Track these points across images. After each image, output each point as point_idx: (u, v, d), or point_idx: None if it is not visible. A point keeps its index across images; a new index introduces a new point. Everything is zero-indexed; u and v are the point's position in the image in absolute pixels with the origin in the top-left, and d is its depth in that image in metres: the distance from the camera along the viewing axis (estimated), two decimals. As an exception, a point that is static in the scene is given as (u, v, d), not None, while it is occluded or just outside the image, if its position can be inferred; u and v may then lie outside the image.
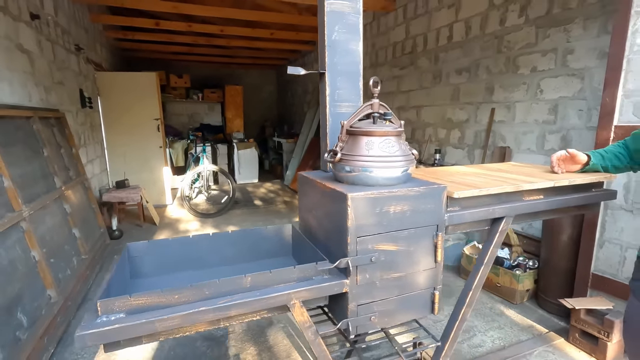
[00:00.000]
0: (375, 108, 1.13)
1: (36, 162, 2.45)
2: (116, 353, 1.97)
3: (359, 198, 0.97)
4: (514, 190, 1.21)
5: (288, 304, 0.95)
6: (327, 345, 1.06)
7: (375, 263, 1.02)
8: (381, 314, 1.07)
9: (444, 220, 1.10)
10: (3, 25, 2.32)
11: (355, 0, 1.29)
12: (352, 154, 1.07)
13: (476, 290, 1.24)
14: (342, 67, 1.30)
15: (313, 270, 1.00)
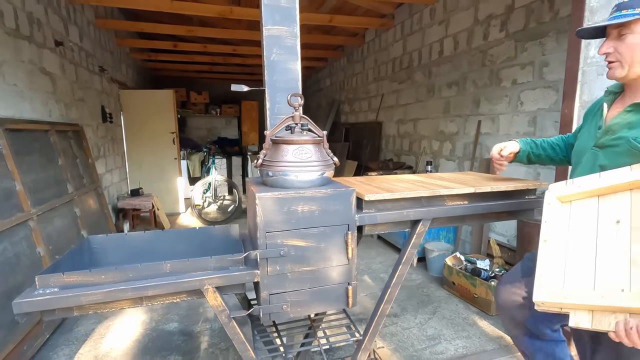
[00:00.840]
0: (296, 120, 1.27)
1: (50, 170, 2.77)
2: (101, 341, 2.18)
3: (266, 198, 1.11)
4: (430, 195, 1.30)
5: (202, 288, 1.09)
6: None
7: (285, 256, 1.15)
8: (294, 304, 1.19)
9: (355, 221, 1.21)
10: (28, 52, 2.70)
11: (292, 26, 1.45)
12: (272, 160, 1.21)
13: (395, 287, 1.32)
14: (281, 84, 1.47)
15: (229, 261, 1.14)
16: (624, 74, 1.01)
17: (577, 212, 1.00)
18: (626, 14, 0.96)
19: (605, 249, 0.91)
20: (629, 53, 0.98)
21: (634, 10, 0.95)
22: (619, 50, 1.00)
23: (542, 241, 1.02)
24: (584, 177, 1.00)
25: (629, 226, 0.88)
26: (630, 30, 0.97)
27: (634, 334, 0.78)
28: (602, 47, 1.04)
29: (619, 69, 1.01)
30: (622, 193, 0.93)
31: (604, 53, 1.04)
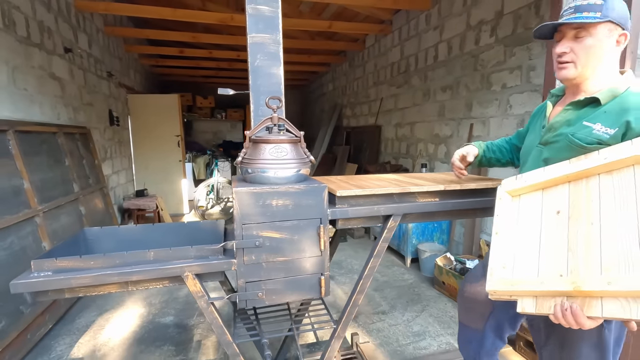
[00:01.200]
0: (274, 121, 1.36)
1: (57, 170, 2.92)
2: (101, 332, 2.29)
3: (242, 192, 1.20)
4: (400, 192, 1.38)
5: (182, 275, 1.18)
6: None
7: (260, 247, 1.24)
8: (269, 291, 1.27)
9: (327, 215, 1.29)
10: (38, 58, 2.86)
11: (275, 33, 1.55)
12: (252, 158, 1.31)
13: (366, 279, 1.40)
14: (265, 88, 1.56)
15: (209, 251, 1.23)
16: (576, 74, 1.05)
17: (525, 205, 1.07)
18: (587, 17, 0.98)
19: (547, 239, 0.97)
20: (585, 55, 1.02)
21: (595, 14, 0.98)
22: (575, 51, 1.02)
23: (494, 234, 1.07)
24: (530, 172, 1.06)
25: (567, 216, 0.95)
26: (589, 33, 1.00)
27: (569, 315, 0.83)
28: (559, 46, 1.05)
29: (573, 69, 1.04)
30: (562, 185, 1.00)
31: (562, 52, 1.05)
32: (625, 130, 0.95)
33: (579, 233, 0.90)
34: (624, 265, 0.78)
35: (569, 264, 0.88)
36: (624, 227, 0.82)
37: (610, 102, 1.01)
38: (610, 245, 0.82)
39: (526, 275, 0.96)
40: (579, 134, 1.02)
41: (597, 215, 0.88)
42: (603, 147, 0.96)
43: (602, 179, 0.92)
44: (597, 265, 0.83)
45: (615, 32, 1.01)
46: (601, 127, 1.00)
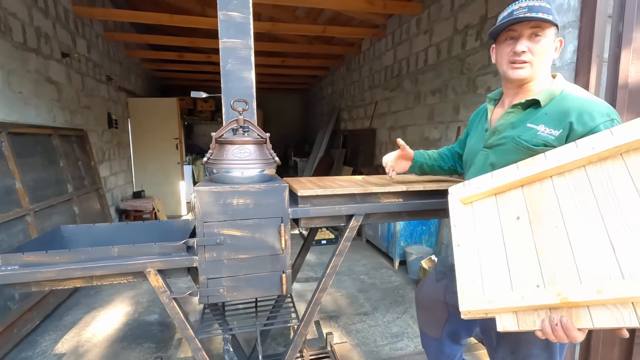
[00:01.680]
0: (240, 123, 1.41)
1: (51, 171, 3.00)
2: (86, 329, 2.35)
3: (203, 191, 1.25)
4: (362, 192, 1.41)
5: (144, 271, 1.23)
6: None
7: (222, 245, 1.28)
8: (230, 288, 1.31)
9: (288, 214, 1.33)
10: (34, 63, 2.96)
11: (246, 39, 1.60)
12: (217, 159, 1.35)
13: (329, 277, 1.43)
14: (236, 91, 1.61)
15: (172, 247, 1.28)
16: (530, 75, 1.04)
17: (479, 212, 1.03)
18: (546, 17, 0.98)
19: (512, 247, 0.92)
20: (540, 56, 1.02)
21: (549, 16, 0.98)
22: (532, 51, 1.01)
23: (456, 246, 1.02)
24: (478, 178, 1.05)
25: (528, 221, 0.92)
26: (544, 33, 1.01)
27: (559, 330, 0.77)
28: (519, 44, 1.01)
29: (529, 69, 1.03)
30: (515, 190, 0.98)
31: (522, 51, 1.01)
32: (568, 132, 0.97)
33: (546, 237, 0.87)
34: (606, 271, 0.75)
35: (543, 273, 0.84)
36: (592, 232, 0.80)
37: (549, 104, 1.03)
38: (583, 251, 0.79)
39: (500, 290, 0.89)
40: (525, 136, 1.03)
41: (559, 218, 0.86)
42: (549, 148, 0.96)
43: (555, 181, 0.91)
44: (573, 272, 0.79)
45: (556, 37, 1.05)
46: (545, 128, 1.01)
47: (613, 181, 0.81)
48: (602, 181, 0.83)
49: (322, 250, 4.05)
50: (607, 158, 0.84)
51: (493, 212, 1.00)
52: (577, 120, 0.96)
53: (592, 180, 0.84)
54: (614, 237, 0.77)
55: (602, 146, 0.83)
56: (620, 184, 0.80)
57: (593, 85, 1.60)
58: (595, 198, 0.82)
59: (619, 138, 0.80)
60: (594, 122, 0.94)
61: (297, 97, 10.08)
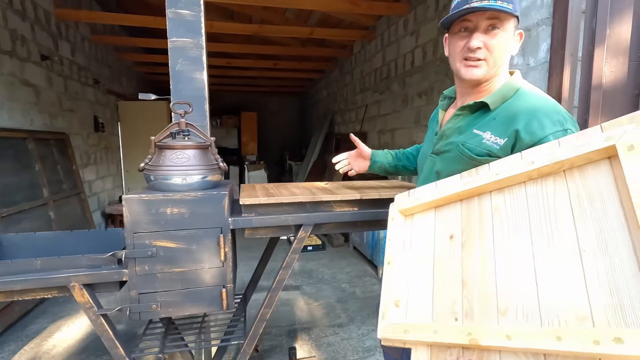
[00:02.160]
0: (182, 126, 1.32)
1: (25, 175, 2.94)
2: (48, 339, 2.27)
3: (133, 200, 1.16)
4: (312, 200, 1.31)
5: (68, 285, 1.14)
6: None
7: (154, 257, 1.19)
8: (165, 304, 1.22)
9: (228, 224, 1.24)
10: (8, 66, 2.91)
11: (197, 38, 1.52)
12: (154, 165, 1.27)
13: (275, 292, 1.33)
14: (187, 92, 1.52)
15: (101, 260, 1.19)
16: (482, 73, 0.91)
17: (418, 227, 0.92)
18: (506, 7, 0.83)
19: (440, 270, 0.83)
20: (498, 52, 0.88)
21: (508, 5, 0.84)
22: (489, 46, 0.88)
23: (386, 264, 0.93)
24: (423, 187, 0.93)
25: (460, 242, 0.81)
26: (503, 26, 0.87)
27: None
28: (474, 39, 0.87)
29: (484, 68, 0.90)
30: (454, 204, 0.86)
31: (477, 47, 0.88)
32: (514, 141, 0.84)
33: (474, 264, 0.76)
34: (522, 312, 0.65)
35: (463, 305, 0.75)
36: (518, 260, 0.69)
37: (500, 107, 0.90)
38: (505, 283, 0.70)
39: (420, 318, 0.81)
40: (469, 144, 0.91)
41: (490, 243, 0.75)
42: (494, 159, 0.84)
43: (493, 198, 0.79)
44: (493, 308, 0.70)
45: (516, 30, 0.91)
46: (491, 136, 0.88)
47: (550, 203, 0.69)
48: (539, 202, 0.70)
49: (308, 256, 3.95)
50: (548, 175, 0.71)
51: (430, 228, 0.89)
52: (525, 128, 0.83)
53: (530, 200, 0.72)
54: (540, 273, 0.65)
55: (542, 160, 0.70)
56: (558, 207, 0.67)
57: (567, 86, 1.49)
58: (530, 222, 0.70)
59: (563, 152, 0.68)
60: (543, 132, 0.81)
61: (295, 100, 10.01)
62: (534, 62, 1.65)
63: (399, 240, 0.94)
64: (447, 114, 1.07)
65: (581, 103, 1.46)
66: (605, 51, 1.38)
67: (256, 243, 3.77)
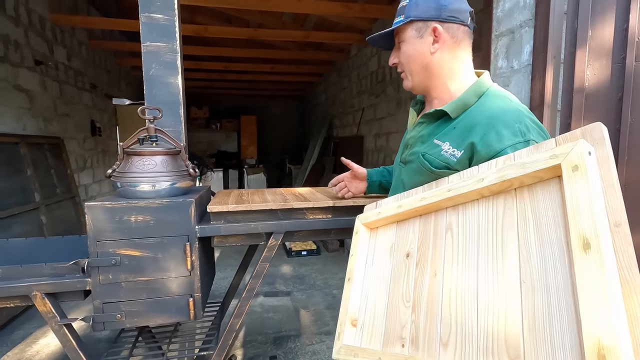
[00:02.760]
0: (150, 132, 1.30)
1: (16, 180, 2.95)
2: (32, 345, 2.26)
3: (96, 207, 1.13)
4: (283, 208, 1.28)
5: (29, 294, 1.12)
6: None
7: (118, 266, 1.16)
8: (130, 313, 1.19)
9: (195, 232, 1.21)
10: (1, 71, 2.93)
11: (171, 42, 1.50)
12: (121, 171, 1.24)
13: (245, 301, 1.30)
14: (161, 97, 1.51)
15: (65, 268, 1.17)
16: (410, 84, 0.93)
17: (380, 242, 0.88)
18: (397, 21, 0.89)
19: (394, 291, 0.79)
20: (406, 63, 0.91)
21: (400, 17, 0.88)
22: (400, 59, 0.92)
23: (347, 280, 0.90)
24: (387, 199, 0.91)
25: (415, 262, 0.77)
26: (402, 38, 0.90)
27: None
28: (390, 58, 0.96)
29: (407, 79, 0.94)
30: (413, 220, 0.82)
31: (393, 64, 0.95)
32: (471, 154, 0.79)
33: (424, 286, 0.73)
34: (461, 345, 0.62)
35: (411, 331, 0.72)
36: (462, 286, 0.65)
37: (461, 115, 0.85)
38: (449, 311, 0.66)
39: (372, 342, 0.78)
40: (429, 155, 0.87)
41: (440, 265, 0.72)
42: (452, 172, 0.80)
43: (448, 215, 0.74)
44: (436, 337, 0.66)
45: (426, 29, 0.86)
46: (449, 147, 0.83)
47: (499, 225, 0.64)
48: (489, 223, 0.65)
49: (302, 261, 3.91)
50: (499, 193, 0.65)
51: (390, 245, 0.85)
52: (482, 140, 0.77)
53: (481, 221, 0.67)
54: (482, 305, 0.61)
55: (491, 178, 0.65)
56: (506, 230, 0.62)
57: (549, 90, 1.45)
58: (478, 245, 0.66)
59: (511, 169, 0.62)
60: (500, 144, 0.75)
61: (294, 103, 10.01)
62: (518, 65, 1.61)
63: (362, 255, 0.90)
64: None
65: (564, 107, 1.42)
66: (587, 53, 1.33)
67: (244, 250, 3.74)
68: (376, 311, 0.80)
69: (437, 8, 0.84)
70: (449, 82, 0.89)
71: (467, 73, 0.91)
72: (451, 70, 0.89)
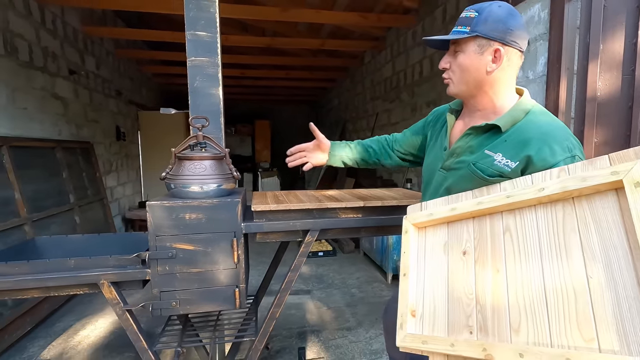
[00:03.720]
0: (199, 139, 1.45)
1: (53, 182, 3.15)
2: (74, 336, 2.42)
3: (156, 206, 1.28)
4: (318, 207, 1.41)
5: (97, 282, 1.27)
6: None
7: (174, 258, 1.30)
8: (183, 301, 1.33)
9: (241, 229, 1.35)
10: (40, 80, 3.14)
11: (213, 57, 1.65)
12: (174, 174, 1.39)
13: (284, 292, 1.43)
14: (204, 107, 1.65)
15: (127, 260, 1.31)
16: (454, 91, 1.01)
17: (431, 241, 0.97)
18: (460, 31, 0.95)
19: (454, 285, 0.87)
20: (459, 73, 0.97)
21: (465, 28, 0.94)
22: (452, 67, 0.99)
23: (402, 275, 0.97)
24: (434, 202, 0.99)
25: (473, 259, 0.86)
26: (461, 48, 0.96)
27: None
28: (441, 61, 1.02)
29: (451, 86, 1.01)
30: (466, 221, 0.91)
31: (442, 68, 1.01)
32: (525, 165, 0.89)
33: (486, 281, 0.82)
34: (533, 330, 0.71)
35: (477, 319, 0.80)
36: (530, 285, 0.75)
37: (510, 130, 0.94)
38: (518, 304, 0.75)
39: (436, 330, 0.86)
40: (481, 164, 0.96)
41: (502, 262, 0.80)
42: (504, 179, 0.89)
43: (504, 218, 0.84)
44: (505, 324, 0.75)
45: (488, 48, 0.92)
46: (502, 158, 0.92)
47: (559, 228, 0.74)
48: (549, 227, 0.76)
49: (319, 262, 4.03)
50: (557, 200, 0.76)
51: (443, 243, 0.94)
52: (537, 154, 0.87)
53: (540, 224, 0.77)
54: (550, 296, 0.71)
55: (553, 188, 0.75)
56: (567, 232, 0.73)
57: (564, 98, 1.56)
58: (540, 244, 0.76)
59: (572, 182, 0.72)
60: (554, 158, 0.86)
61: (307, 108, 10.18)
62: (533, 75, 1.72)
63: (413, 252, 0.98)
64: (455, 129, 1.10)
65: (577, 115, 1.52)
66: (599, 65, 1.44)
67: (267, 249, 3.89)
68: (435, 302, 0.89)
69: (504, 30, 0.91)
70: (495, 98, 0.99)
71: (511, 90, 1.00)
72: (500, 88, 0.98)
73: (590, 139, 1.48)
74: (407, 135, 1.35)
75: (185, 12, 1.58)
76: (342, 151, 1.40)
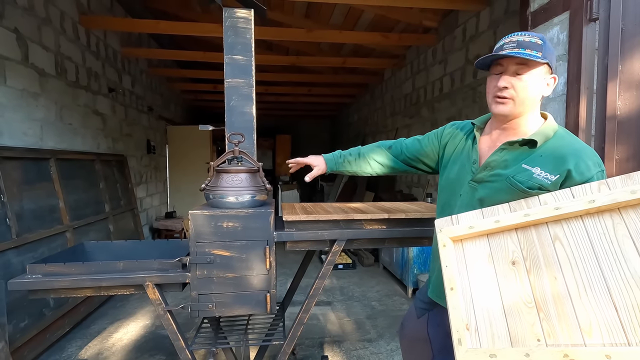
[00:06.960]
0: (235, 154, 1.57)
1: (92, 192, 3.36)
2: (109, 338, 2.56)
3: (197, 215, 1.40)
4: (345, 219, 1.50)
5: (143, 284, 1.39)
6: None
7: (212, 263, 1.41)
8: (219, 304, 1.43)
9: (273, 237, 1.45)
10: (84, 98, 3.40)
11: (248, 78, 1.79)
12: (212, 186, 1.52)
13: (312, 298, 1.51)
14: (239, 124, 1.79)
15: (170, 264, 1.43)
16: (512, 111, 1.05)
17: (471, 253, 0.97)
18: (531, 54, 0.98)
19: (508, 294, 0.88)
20: (524, 93, 1.02)
21: (537, 53, 0.99)
22: (515, 87, 1.02)
23: (449, 289, 0.94)
24: (467, 215, 1.01)
25: (525, 268, 0.88)
26: (529, 72, 1.01)
27: None
28: (501, 80, 1.03)
29: (511, 105, 1.04)
30: (509, 232, 0.94)
31: (504, 87, 1.03)
32: (564, 178, 0.98)
33: (545, 289, 0.84)
34: (606, 329, 0.75)
35: (543, 327, 0.81)
36: (593, 289, 0.80)
37: (544, 145, 1.03)
38: (584, 308, 0.79)
39: (497, 341, 0.84)
40: (520, 177, 1.02)
41: (558, 269, 0.84)
42: (544, 192, 0.96)
43: (551, 229, 0.90)
44: (575, 330, 0.78)
45: (548, 75, 1.05)
46: (541, 171, 1.00)
47: (611, 235, 0.83)
48: (600, 234, 0.84)
49: (339, 274, 4.08)
50: (604, 211, 0.85)
51: (486, 255, 0.95)
52: (575, 168, 0.97)
53: (590, 233, 0.85)
54: (616, 296, 0.77)
55: (602, 200, 0.85)
56: (620, 239, 0.81)
57: (584, 117, 1.61)
58: (594, 250, 0.83)
59: (620, 194, 0.83)
60: (590, 172, 0.97)
61: (327, 123, 10.37)
62: (553, 94, 1.77)
63: (454, 266, 0.97)
64: (483, 144, 1.16)
65: (597, 132, 1.57)
66: (618, 85, 1.49)
67: (287, 260, 3.98)
68: (490, 314, 0.88)
69: (554, 61, 1.06)
70: (532, 118, 1.09)
71: (539, 111, 1.12)
72: (538, 108, 1.10)
73: (611, 155, 1.52)
74: (424, 143, 1.43)
75: (224, 38, 1.74)
76: (342, 167, 1.52)
